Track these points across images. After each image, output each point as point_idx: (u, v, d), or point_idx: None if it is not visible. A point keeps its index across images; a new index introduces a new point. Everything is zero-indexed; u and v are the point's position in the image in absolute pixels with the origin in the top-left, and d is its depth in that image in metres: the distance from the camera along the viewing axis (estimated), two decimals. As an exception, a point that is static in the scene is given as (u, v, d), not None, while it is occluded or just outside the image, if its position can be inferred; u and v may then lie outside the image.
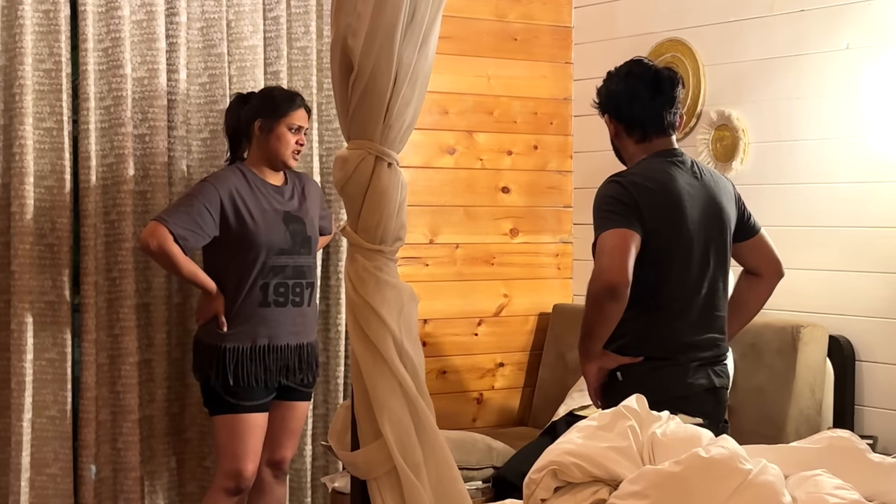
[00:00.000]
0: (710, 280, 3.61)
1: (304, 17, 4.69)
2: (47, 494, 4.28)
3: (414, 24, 2.98)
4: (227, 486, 4.19)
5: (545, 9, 5.40)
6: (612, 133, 3.70)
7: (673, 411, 3.40)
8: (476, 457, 4.61)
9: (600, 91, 3.72)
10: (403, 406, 3.07)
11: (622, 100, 3.63)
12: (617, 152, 3.75)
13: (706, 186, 3.63)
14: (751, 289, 3.79)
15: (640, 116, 3.62)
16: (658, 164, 3.59)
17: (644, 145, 3.64)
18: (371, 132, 3.03)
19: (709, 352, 3.61)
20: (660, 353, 3.56)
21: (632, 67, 3.70)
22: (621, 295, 3.42)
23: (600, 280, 3.44)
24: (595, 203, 3.57)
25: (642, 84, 3.63)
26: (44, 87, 4.25)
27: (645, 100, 3.61)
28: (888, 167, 4.28)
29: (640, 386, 3.44)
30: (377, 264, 3.09)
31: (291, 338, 4.25)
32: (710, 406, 3.59)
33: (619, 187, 3.53)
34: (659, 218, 3.51)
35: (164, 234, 4.02)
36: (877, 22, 4.31)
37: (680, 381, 3.55)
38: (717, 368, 3.63)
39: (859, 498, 2.62)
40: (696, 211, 3.57)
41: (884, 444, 4.15)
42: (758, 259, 3.77)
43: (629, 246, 3.43)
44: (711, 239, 3.61)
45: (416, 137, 4.51)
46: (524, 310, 5.36)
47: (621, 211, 3.47)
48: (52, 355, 4.28)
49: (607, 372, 3.59)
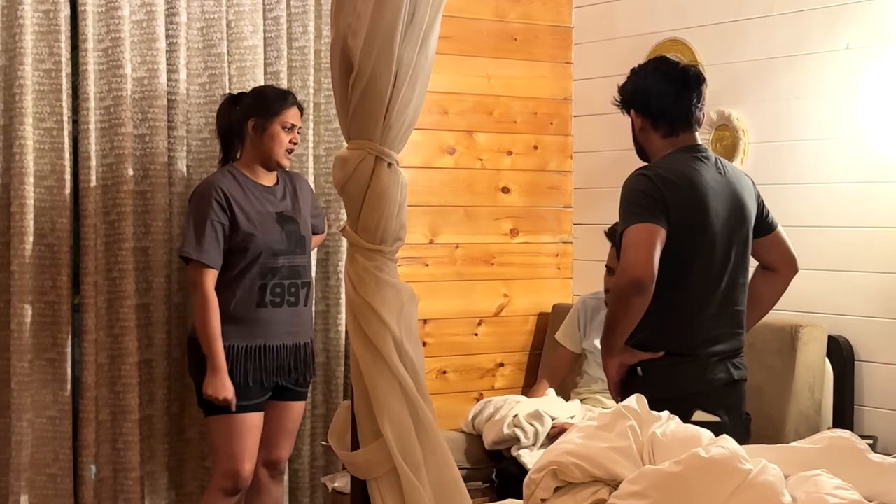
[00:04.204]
0: (731, 274, 3.64)
1: (304, 18, 4.69)
2: (47, 494, 4.28)
3: (414, 24, 2.99)
4: (225, 486, 4.19)
5: (545, 9, 5.41)
6: (636, 128, 3.73)
7: (691, 407, 3.47)
8: (476, 457, 4.62)
9: (625, 87, 3.75)
10: (403, 406, 3.07)
11: (651, 94, 3.66)
12: (639, 148, 3.78)
13: (729, 182, 3.67)
14: (766, 284, 3.82)
15: (669, 111, 3.65)
16: (683, 159, 3.63)
17: (670, 140, 3.67)
18: (371, 132, 3.03)
19: (728, 345, 3.64)
20: (680, 348, 3.59)
21: (659, 64, 3.76)
22: (647, 289, 3.45)
23: (626, 275, 3.47)
24: (622, 196, 3.60)
25: (670, 79, 3.67)
26: (44, 87, 4.25)
27: (673, 95, 3.65)
28: (888, 167, 4.28)
29: (660, 381, 3.52)
30: (377, 264, 3.09)
31: (287, 338, 4.25)
32: (730, 399, 3.62)
33: (646, 181, 3.56)
34: (684, 212, 3.54)
35: (208, 277, 4.10)
36: (877, 22, 4.32)
37: (700, 376, 3.58)
38: (736, 361, 3.66)
39: (859, 498, 2.62)
40: (720, 206, 3.61)
41: (884, 444, 4.15)
42: (774, 255, 3.81)
43: (655, 240, 3.47)
44: (734, 234, 3.64)
45: (416, 137, 4.50)
46: (524, 310, 5.36)
47: (647, 205, 3.51)
48: (52, 355, 4.28)
49: (627, 368, 3.61)
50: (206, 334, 4.09)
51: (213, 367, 4.08)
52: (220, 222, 4.12)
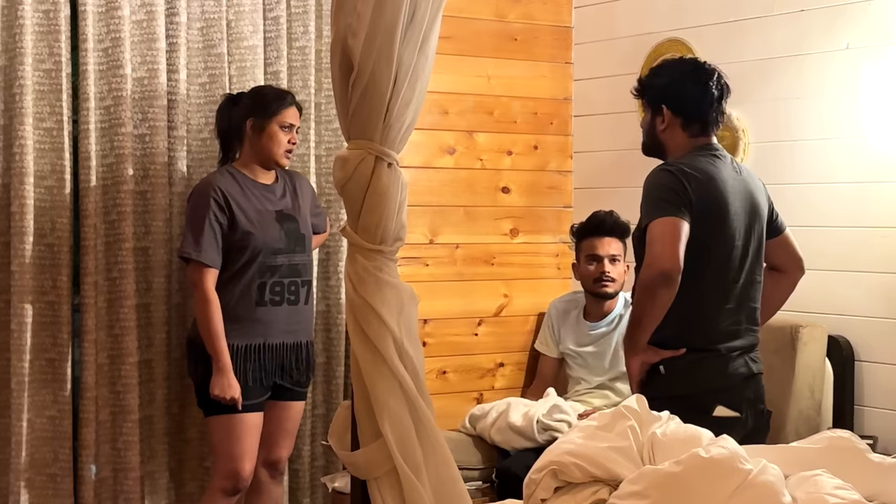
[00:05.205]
0: (748, 271, 3.68)
1: (304, 18, 4.69)
2: (47, 494, 4.28)
3: (414, 25, 2.98)
4: (225, 486, 4.19)
5: (545, 9, 5.41)
6: (662, 124, 3.73)
7: (713, 402, 3.47)
8: (476, 457, 4.62)
9: (656, 83, 3.77)
10: (403, 406, 3.07)
11: (689, 97, 3.70)
12: (655, 143, 3.78)
13: (745, 181, 3.72)
14: (774, 284, 3.85)
15: (705, 115, 3.70)
16: (704, 157, 3.67)
17: (696, 139, 3.71)
18: (371, 132, 3.03)
19: (745, 341, 3.68)
20: (701, 343, 3.62)
21: (697, 65, 3.81)
22: (674, 281, 3.48)
23: (653, 267, 3.50)
24: (645, 190, 3.62)
25: (711, 86, 3.70)
26: (44, 87, 4.25)
27: (713, 98, 3.70)
28: (888, 167, 4.28)
29: (681, 378, 3.56)
30: (377, 264, 3.09)
31: (287, 336, 4.26)
32: (749, 392, 3.65)
33: (670, 175, 3.59)
34: (706, 208, 3.57)
35: (209, 276, 4.10)
36: (877, 22, 4.31)
37: (721, 371, 3.62)
38: (753, 356, 3.70)
39: (859, 498, 2.62)
40: (738, 203, 3.65)
41: (884, 444, 4.14)
42: (782, 256, 3.85)
43: (679, 233, 3.50)
44: (751, 231, 3.69)
45: (416, 137, 4.50)
46: (524, 310, 5.36)
47: (671, 199, 3.54)
48: (52, 355, 4.28)
49: (649, 366, 3.63)
50: (209, 334, 4.09)
51: (218, 367, 4.08)
52: (218, 222, 4.12)
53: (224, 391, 4.08)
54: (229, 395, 4.08)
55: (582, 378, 4.83)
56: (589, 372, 4.81)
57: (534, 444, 4.41)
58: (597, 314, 4.84)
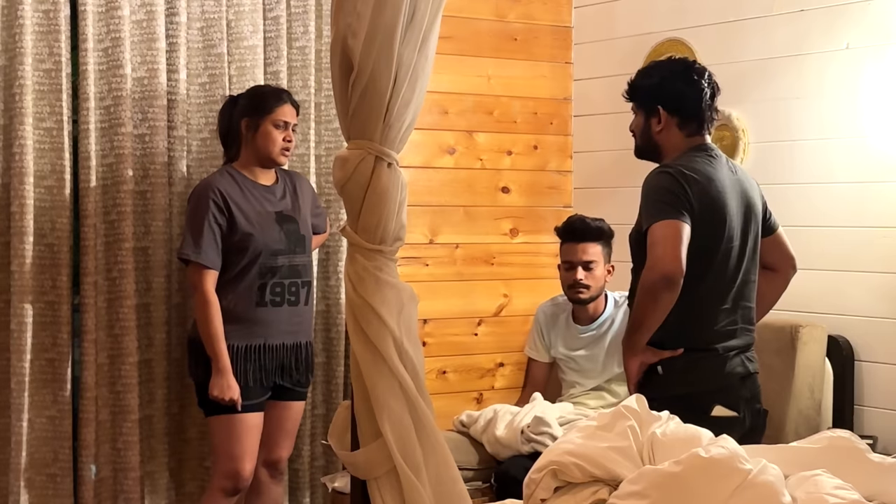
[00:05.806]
0: (744, 272, 3.69)
1: (304, 17, 4.69)
2: (47, 494, 4.28)
3: (414, 25, 2.99)
4: (225, 486, 4.19)
5: (545, 9, 5.41)
6: (658, 125, 3.72)
7: (711, 402, 3.47)
8: (475, 457, 4.62)
9: (648, 84, 3.76)
10: (403, 406, 3.07)
11: (686, 96, 3.69)
12: (651, 144, 3.76)
13: (740, 181, 3.72)
14: (767, 283, 3.85)
15: (700, 113, 3.70)
16: (701, 158, 3.67)
17: (691, 139, 3.71)
18: (371, 132, 3.03)
19: (742, 340, 3.68)
20: (699, 343, 3.62)
21: (687, 64, 3.81)
22: (677, 284, 3.48)
23: (655, 270, 3.49)
24: (645, 193, 3.62)
25: (703, 83, 3.70)
26: (44, 87, 4.25)
27: (707, 98, 3.70)
28: (888, 167, 4.28)
29: (679, 378, 3.56)
30: (377, 264, 3.09)
31: (287, 337, 4.26)
32: (746, 392, 3.66)
33: (670, 178, 3.59)
34: (705, 209, 3.58)
35: (208, 278, 4.09)
36: (877, 22, 4.32)
37: (719, 371, 3.62)
38: (749, 355, 3.71)
39: (859, 498, 2.62)
40: (735, 203, 3.66)
41: (884, 444, 4.15)
42: (775, 255, 3.85)
43: (681, 236, 3.50)
44: (747, 231, 3.70)
45: (416, 137, 4.51)
46: (524, 310, 5.35)
47: (671, 201, 3.54)
48: (52, 355, 4.28)
49: (647, 367, 3.63)
50: (209, 335, 4.09)
51: (217, 368, 4.09)
52: (217, 223, 4.12)
53: (223, 392, 4.08)
54: (228, 396, 4.08)
55: (576, 382, 4.80)
56: (583, 375, 4.78)
57: (521, 453, 4.40)
58: (585, 317, 4.79)
